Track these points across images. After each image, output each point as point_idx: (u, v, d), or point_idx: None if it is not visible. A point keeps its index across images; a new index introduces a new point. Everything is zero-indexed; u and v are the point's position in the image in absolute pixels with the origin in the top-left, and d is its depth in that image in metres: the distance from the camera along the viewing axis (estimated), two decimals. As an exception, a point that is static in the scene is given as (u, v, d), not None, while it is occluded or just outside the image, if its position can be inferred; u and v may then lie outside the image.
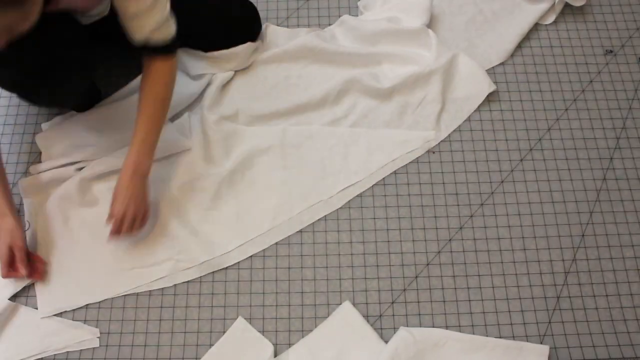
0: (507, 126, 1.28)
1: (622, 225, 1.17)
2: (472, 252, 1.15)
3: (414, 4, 1.36)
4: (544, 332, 1.08)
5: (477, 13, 1.40)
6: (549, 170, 1.23)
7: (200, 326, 1.08)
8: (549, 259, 1.14)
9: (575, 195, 1.20)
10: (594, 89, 1.32)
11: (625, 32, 1.39)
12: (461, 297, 1.10)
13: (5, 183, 1.08)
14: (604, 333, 1.08)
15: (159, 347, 1.07)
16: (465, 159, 1.24)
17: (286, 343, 1.06)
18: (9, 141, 1.25)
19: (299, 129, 1.25)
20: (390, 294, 1.11)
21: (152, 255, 1.13)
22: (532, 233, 1.16)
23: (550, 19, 1.40)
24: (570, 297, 1.11)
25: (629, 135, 1.27)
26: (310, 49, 1.31)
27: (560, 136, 1.27)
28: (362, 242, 1.15)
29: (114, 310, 1.10)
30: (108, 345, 1.07)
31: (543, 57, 1.36)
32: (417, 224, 1.17)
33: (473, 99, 1.29)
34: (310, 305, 1.10)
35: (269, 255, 1.14)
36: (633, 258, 1.14)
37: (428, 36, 1.32)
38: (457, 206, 1.19)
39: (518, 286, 1.12)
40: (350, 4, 1.43)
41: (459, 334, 1.05)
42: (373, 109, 1.28)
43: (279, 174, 1.21)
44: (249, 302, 1.10)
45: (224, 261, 1.13)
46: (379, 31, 1.33)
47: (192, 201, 1.17)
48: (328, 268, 1.13)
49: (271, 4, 1.43)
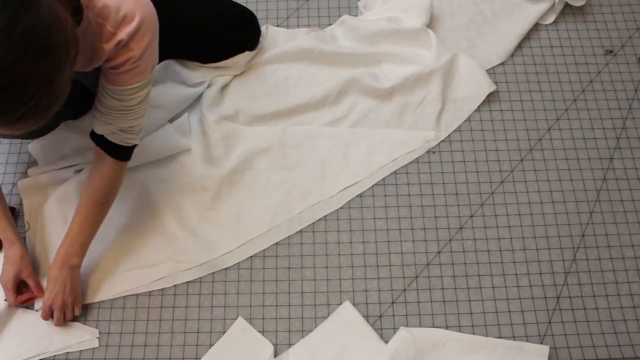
0: (507, 126, 1.28)
1: (622, 225, 1.17)
2: (472, 252, 1.15)
3: (414, 4, 1.36)
4: (544, 332, 1.08)
5: (477, 13, 1.40)
6: (549, 170, 1.23)
7: (200, 326, 1.08)
8: (549, 259, 1.14)
9: (575, 195, 1.20)
10: (594, 89, 1.32)
11: (625, 32, 1.39)
12: (461, 297, 1.10)
13: (6, 210, 1.08)
14: (604, 333, 1.08)
15: (159, 347, 1.07)
16: (465, 159, 1.24)
17: (286, 343, 1.06)
18: (9, 141, 1.25)
19: (299, 129, 1.25)
20: (390, 294, 1.11)
21: (152, 255, 1.13)
22: (532, 233, 1.16)
23: (550, 19, 1.40)
24: (570, 297, 1.11)
25: (629, 135, 1.27)
26: (310, 49, 1.31)
27: (560, 136, 1.27)
28: (362, 242, 1.15)
29: (114, 310, 1.09)
30: (108, 345, 1.07)
31: (543, 57, 1.36)
32: (417, 224, 1.17)
33: (473, 99, 1.29)
34: (310, 305, 1.10)
35: (269, 255, 1.14)
36: (633, 258, 1.14)
37: (428, 36, 1.32)
38: (457, 206, 1.19)
39: (518, 286, 1.12)
40: (350, 4, 1.43)
41: (459, 334, 1.05)
42: (373, 109, 1.28)
43: (279, 174, 1.21)
44: (249, 302, 1.10)
45: (224, 261, 1.13)
46: (379, 31, 1.33)
47: (192, 201, 1.17)
48: (328, 268, 1.13)
49: (271, 4, 1.42)
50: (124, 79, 0.87)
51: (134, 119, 0.95)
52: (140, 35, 0.83)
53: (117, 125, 0.95)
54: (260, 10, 1.40)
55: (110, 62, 0.85)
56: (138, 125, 0.98)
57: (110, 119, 0.94)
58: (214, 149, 1.22)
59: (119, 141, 0.98)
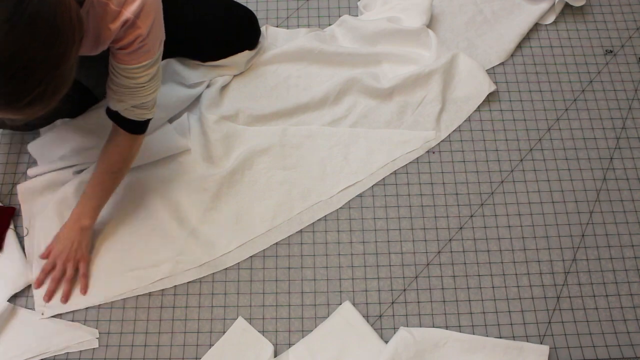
0: (507, 126, 1.28)
1: (622, 225, 1.17)
2: (472, 252, 1.15)
3: (414, 4, 1.36)
4: (544, 332, 1.08)
5: (477, 13, 1.40)
6: (549, 170, 1.23)
7: (200, 326, 1.08)
8: (549, 259, 1.14)
9: (575, 195, 1.20)
10: (594, 89, 1.32)
11: (625, 32, 1.39)
12: (461, 297, 1.10)
13: None
14: (604, 333, 1.08)
15: (159, 347, 1.06)
16: (465, 159, 1.24)
17: (286, 343, 1.06)
18: (9, 141, 1.25)
19: (299, 129, 1.25)
20: (390, 294, 1.11)
21: (152, 256, 1.13)
22: (532, 233, 1.16)
23: (550, 19, 1.40)
24: (570, 297, 1.11)
25: (629, 135, 1.27)
26: (310, 50, 1.31)
27: (560, 136, 1.27)
28: (362, 242, 1.15)
29: (114, 310, 1.09)
30: (108, 345, 1.06)
31: (543, 57, 1.36)
32: (417, 224, 1.17)
33: (473, 99, 1.29)
34: (310, 305, 1.10)
35: (269, 255, 1.14)
36: (633, 258, 1.14)
37: (428, 36, 1.32)
38: (457, 206, 1.19)
39: (518, 286, 1.12)
40: (350, 4, 1.43)
41: (459, 334, 1.05)
42: (373, 109, 1.28)
43: (279, 174, 1.21)
44: (249, 302, 1.10)
45: (224, 261, 1.13)
46: (379, 31, 1.33)
47: (192, 201, 1.17)
48: (328, 268, 1.13)
49: (271, 4, 1.42)
50: (134, 57, 0.88)
51: (145, 95, 0.95)
52: (145, 12, 0.83)
53: (130, 102, 0.96)
54: (260, 10, 1.40)
55: (119, 43, 0.85)
56: (150, 101, 0.98)
57: (122, 96, 0.94)
58: (213, 149, 1.22)
59: (133, 117, 0.99)
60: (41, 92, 0.63)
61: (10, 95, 0.62)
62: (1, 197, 1.19)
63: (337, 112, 1.28)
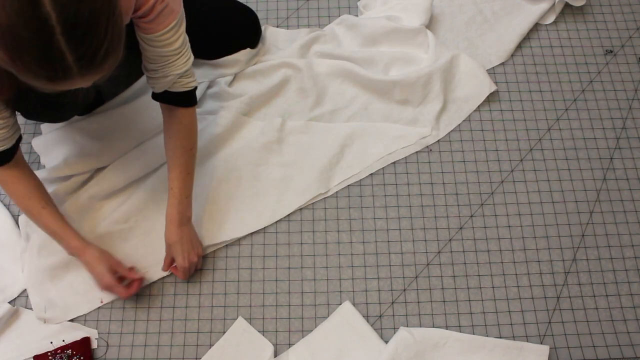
0: (507, 126, 1.28)
1: (622, 225, 1.17)
2: (472, 252, 1.15)
3: (414, 4, 1.36)
4: (544, 332, 1.08)
5: (477, 13, 1.40)
6: (549, 170, 1.23)
7: (200, 326, 1.08)
8: (549, 259, 1.14)
9: (575, 195, 1.20)
10: (594, 89, 1.32)
11: (625, 32, 1.39)
12: (461, 297, 1.10)
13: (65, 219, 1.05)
14: (604, 333, 1.08)
15: (159, 347, 1.07)
16: (465, 159, 1.24)
17: (286, 343, 1.06)
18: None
19: (296, 124, 1.26)
20: (390, 294, 1.11)
21: (152, 256, 1.12)
22: (532, 233, 1.16)
23: (550, 19, 1.40)
24: (570, 297, 1.11)
25: (629, 135, 1.27)
26: (310, 50, 1.32)
27: (560, 136, 1.27)
28: (362, 242, 1.15)
29: (114, 310, 1.09)
30: (108, 345, 1.07)
31: (543, 57, 1.36)
32: (417, 224, 1.17)
33: (473, 99, 1.29)
34: (310, 305, 1.10)
35: (269, 255, 1.14)
36: (633, 258, 1.14)
37: (426, 37, 1.32)
38: (457, 206, 1.19)
39: (518, 286, 1.12)
40: (350, 4, 1.43)
41: (459, 334, 1.05)
42: (373, 102, 1.28)
43: (277, 170, 1.21)
44: (249, 302, 1.10)
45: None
46: (379, 31, 1.33)
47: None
48: (328, 268, 1.13)
49: (271, 4, 1.42)
50: (160, 21, 0.88)
51: (185, 61, 0.95)
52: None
53: (174, 73, 0.95)
54: (260, 11, 1.40)
55: (140, 11, 0.85)
56: (190, 68, 0.99)
57: (165, 70, 0.94)
58: (211, 144, 1.22)
59: (182, 88, 0.99)
60: (110, 41, 0.66)
61: (88, 53, 0.64)
62: (4, 196, 1.19)
63: (339, 102, 1.29)
